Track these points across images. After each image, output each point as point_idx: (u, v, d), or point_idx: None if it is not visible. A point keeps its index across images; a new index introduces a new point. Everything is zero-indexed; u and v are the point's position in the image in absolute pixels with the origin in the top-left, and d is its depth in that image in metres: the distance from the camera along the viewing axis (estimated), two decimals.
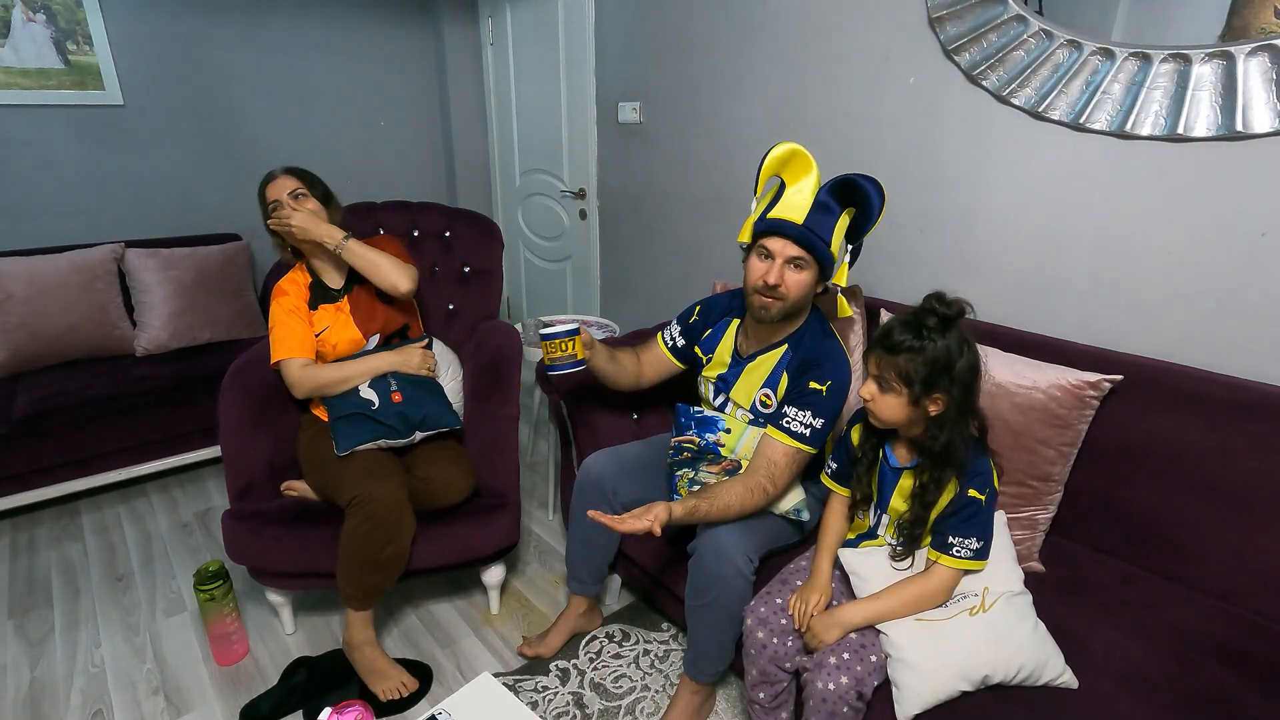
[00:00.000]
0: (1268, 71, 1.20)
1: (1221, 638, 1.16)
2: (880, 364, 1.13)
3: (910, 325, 1.10)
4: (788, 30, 1.98)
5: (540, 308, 3.55)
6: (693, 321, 1.60)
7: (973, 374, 1.11)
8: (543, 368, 1.65)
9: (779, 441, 1.34)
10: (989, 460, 1.18)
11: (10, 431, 2.09)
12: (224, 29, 2.84)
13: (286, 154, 3.10)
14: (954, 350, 1.09)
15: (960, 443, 1.12)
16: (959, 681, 1.06)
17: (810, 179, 1.30)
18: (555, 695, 1.57)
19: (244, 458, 1.65)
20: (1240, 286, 1.31)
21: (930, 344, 1.08)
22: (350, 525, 1.47)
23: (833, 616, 1.16)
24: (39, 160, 2.57)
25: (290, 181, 1.67)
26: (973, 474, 1.14)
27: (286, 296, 1.69)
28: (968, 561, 1.13)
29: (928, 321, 1.09)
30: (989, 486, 1.15)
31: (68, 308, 2.39)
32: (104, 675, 1.65)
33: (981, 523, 1.14)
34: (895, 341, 1.11)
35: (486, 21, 3.31)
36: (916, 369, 1.09)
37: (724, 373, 1.52)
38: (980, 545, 1.14)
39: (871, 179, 1.27)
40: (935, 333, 1.09)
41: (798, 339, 1.42)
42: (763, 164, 1.35)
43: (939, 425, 1.12)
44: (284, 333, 1.65)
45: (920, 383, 1.09)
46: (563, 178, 3.11)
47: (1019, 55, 1.51)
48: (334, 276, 1.75)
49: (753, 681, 1.24)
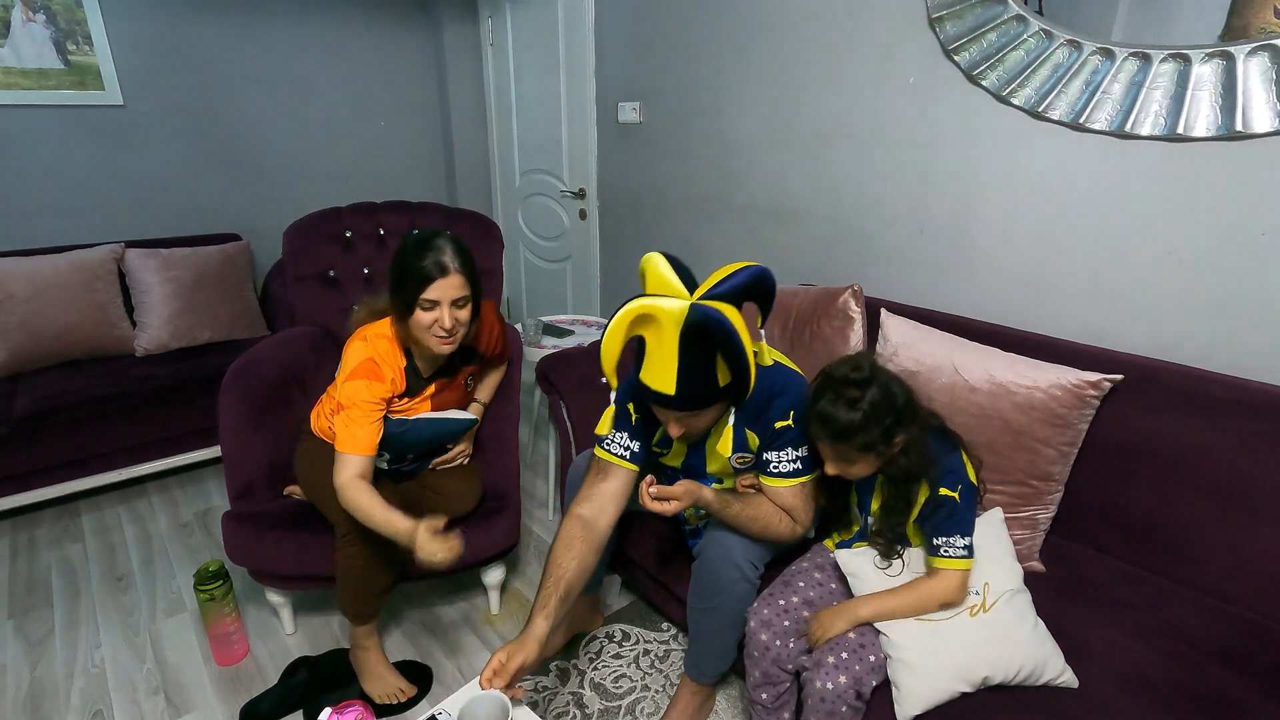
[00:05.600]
0: (1268, 71, 1.20)
1: (1221, 638, 1.16)
2: (837, 451, 1.14)
3: (842, 403, 1.10)
4: (788, 30, 1.97)
5: (540, 308, 3.55)
6: (635, 422, 1.36)
7: (912, 403, 1.13)
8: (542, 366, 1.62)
9: (780, 486, 1.29)
10: (959, 454, 1.17)
11: (10, 431, 2.09)
12: (224, 29, 2.84)
13: (287, 154, 3.10)
14: (887, 397, 1.10)
15: (919, 458, 1.13)
16: (958, 683, 1.06)
17: (662, 334, 1.11)
18: (555, 695, 1.57)
19: (244, 458, 1.65)
20: (1240, 286, 1.31)
21: (868, 409, 1.08)
22: (343, 556, 1.46)
23: (841, 609, 1.16)
24: (39, 160, 2.57)
25: (458, 283, 1.39)
26: (942, 472, 1.14)
27: (381, 385, 1.44)
28: (960, 560, 1.13)
29: (852, 393, 1.09)
30: (962, 482, 1.14)
31: (68, 308, 2.39)
32: (104, 675, 1.65)
33: (961, 519, 1.13)
34: (840, 429, 1.10)
35: (486, 22, 3.31)
36: (872, 437, 1.10)
37: (687, 460, 1.41)
38: (967, 541, 1.13)
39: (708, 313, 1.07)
40: (864, 397, 1.09)
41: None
42: (608, 339, 1.13)
43: (902, 452, 1.14)
44: (360, 425, 1.41)
45: (881, 442, 1.11)
46: (563, 178, 3.11)
47: (1019, 55, 1.51)
48: (429, 364, 1.56)
49: (755, 683, 1.24)
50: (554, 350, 2.13)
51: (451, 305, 1.39)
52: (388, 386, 1.45)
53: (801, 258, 2.12)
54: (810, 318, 1.74)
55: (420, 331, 1.42)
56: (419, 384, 1.55)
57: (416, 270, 1.37)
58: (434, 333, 1.41)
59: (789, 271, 2.13)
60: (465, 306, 1.43)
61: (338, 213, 2.11)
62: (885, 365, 1.40)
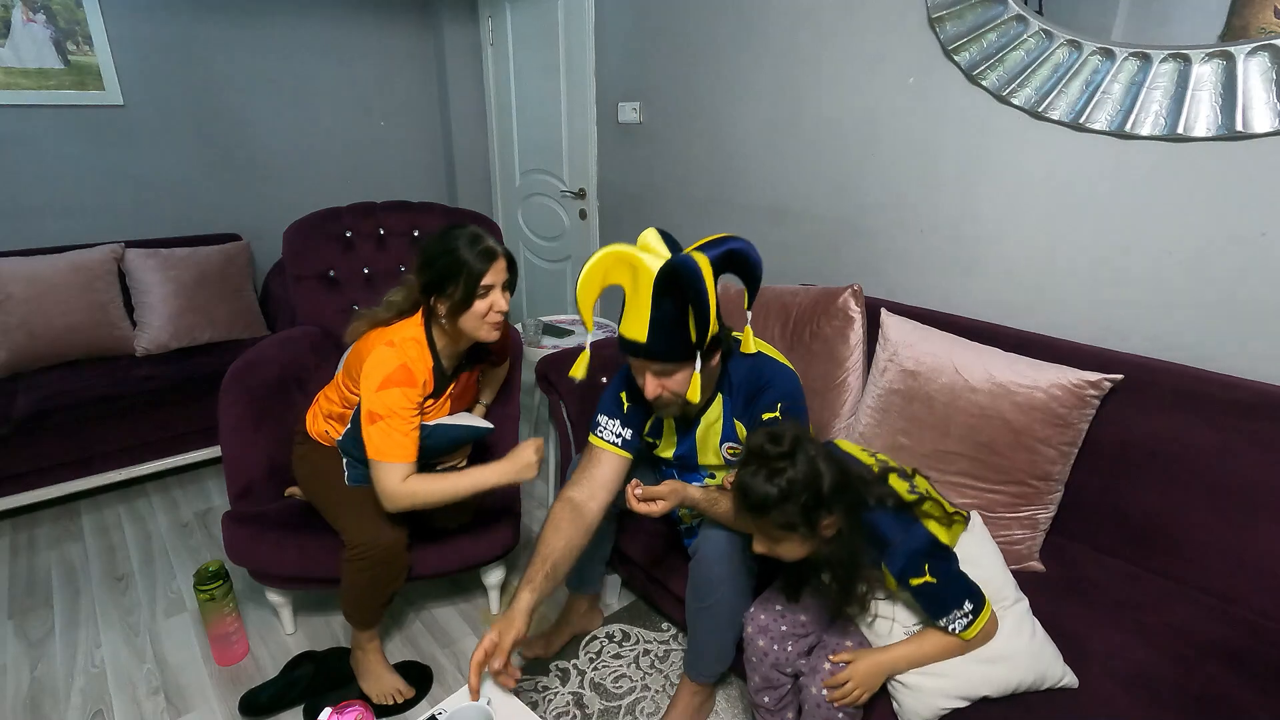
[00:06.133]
0: (1268, 71, 1.20)
1: (1221, 638, 1.16)
2: (758, 526, 1.07)
3: (762, 475, 1.03)
4: (787, 30, 1.98)
5: (540, 308, 3.55)
6: (628, 410, 1.38)
7: (842, 483, 1.04)
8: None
9: None
10: (919, 526, 1.09)
11: (10, 431, 2.09)
12: (224, 29, 2.84)
13: (286, 154, 3.10)
14: (811, 476, 1.01)
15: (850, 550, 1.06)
16: (957, 701, 1.06)
17: (640, 282, 1.17)
18: (555, 695, 1.57)
19: (244, 458, 1.65)
20: (1240, 286, 1.32)
21: (785, 485, 1.01)
22: (350, 567, 1.44)
23: (877, 664, 1.09)
24: (39, 160, 2.57)
25: (505, 265, 1.46)
26: (904, 560, 1.06)
27: (415, 389, 1.41)
28: (975, 624, 1.05)
29: (776, 465, 1.02)
30: (930, 560, 1.05)
31: (68, 308, 2.39)
32: (104, 675, 1.65)
33: (949, 595, 1.05)
34: (757, 501, 1.03)
35: (486, 22, 3.31)
36: (790, 516, 1.02)
37: (678, 450, 1.43)
38: (972, 605, 1.05)
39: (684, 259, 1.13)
40: (785, 470, 1.01)
41: (727, 384, 1.34)
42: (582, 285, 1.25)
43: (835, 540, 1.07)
44: (406, 429, 1.39)
45: (803, 523, 1.03)
46: (563, 178, 3.11)
47: (1019, 55, 1.51)
48: (450, 362, 1.56)
49: (756, 687, 1.24)
50: (554, 350, 2.13)
51: (503, 289, 1.45)
52: (421, 390, 1.43)
53: (801, 258, 2.12)
54: (810, 318, 1.74)
55: (474, 322, 1.43)
56: (445, 383, 1.54)
57: (473, 260, 1.39)
58: (489, 320, 1.44)
59: (789, 271, 2.13)
60: (508, 290, 1.47)
61: (338, 213, 2.11)
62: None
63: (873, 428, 1.55)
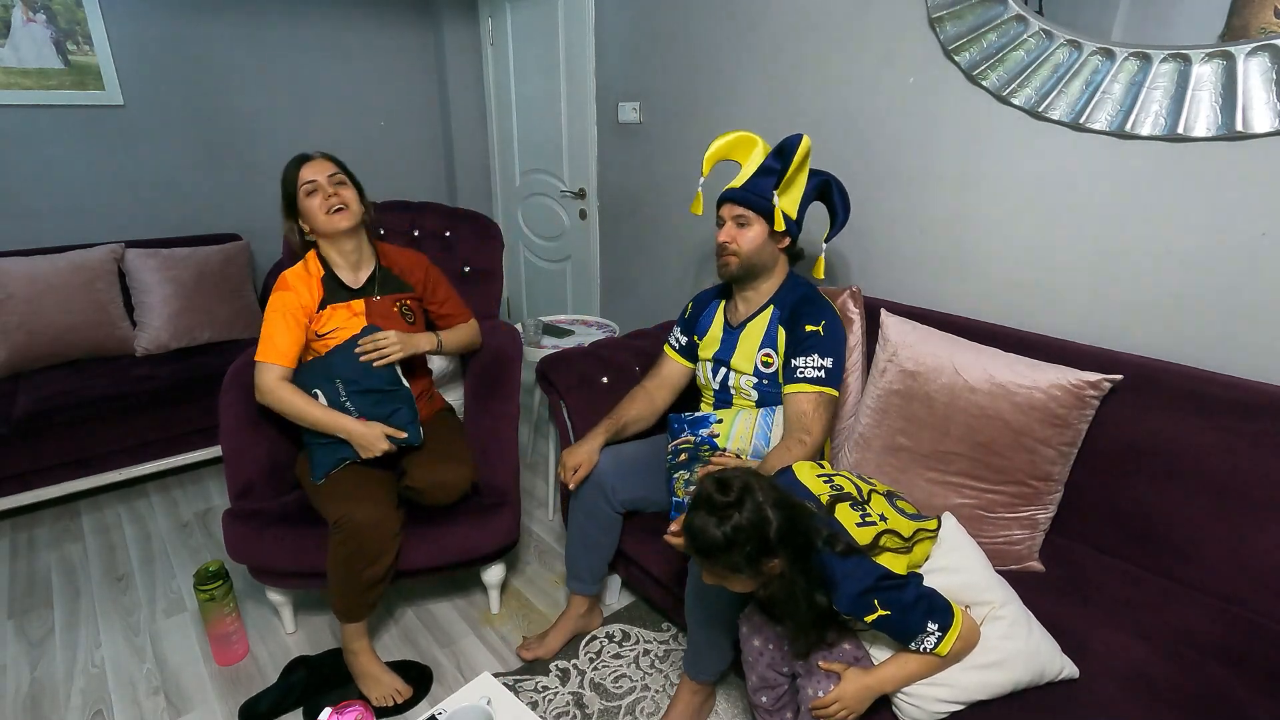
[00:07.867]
0: (1268, 71, 1.20)
1: (1221, 638, 1.16)
2: (707, 568, 1.08)
3: (712, 520, 1.02)
4: (788, 30, 1.97)
5: (540, 308, 3.55)
6: (687, 316, 1.70)
7: (789, 529, 1.03)
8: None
9: (801, 393, 1.43)
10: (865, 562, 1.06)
11: (10, 431, 2.09)
12: (224, 29, 2.84)
13: (287, 154, 3.08)
14: (757, 524, 1.01)
15: (790, 590, 1.05)
16: (954, 706, 1.06)
17: (756, 153, 1.51)
18: (555, 695, 1.57)
19: (244, 458, 1.65)
20: (1240, 286, 1.31)
21: (730, 532, 1.01)
22: (332, 547, 1.47)
23: (865, 687, 1.08)
24: (39, 160, 2.57)
25: (328, 165, 1.60)
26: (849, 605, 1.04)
27: (289, 293, 1.58)
28: (947, 638, 1.04)
29: (724, 512, 1.02)
30: (877, 594, 1.03)
31: (68, 308, 2.39)
32: (104, 675, 1.65)
33: (911, 619, 1.04)
34: (704, 546, 1.04)
35: (486, 21, 3.31)
36: (737, 561, 1.02)
37: (718, 349, 1.60)
38: (937, 624, 1.04)
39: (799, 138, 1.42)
40: (731, 517, 1.01)
41: (780, 297, 1.54)
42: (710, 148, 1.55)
43: (779, 580, 1.06)
44: (273, 331, 1.56)
45: (748, 567, 1.03)
46: (563, 177, 3.11)
47: (1019, 55, 1.51)
48: (350, 273, 1.65)
49: (754, 686, 1.24)
50: (554, 350, 2.13)
51: (329, 180, 1.58)
52: (297, 296, 1.58)
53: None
54: None
55: (317, 220, 1.58)
56: (342, 292, 1.63)
57: (288, 170, 1.60)
58: (325, 210, 1.56)
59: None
60: (346, 185, 1.60)
61: None
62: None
63: (872, 428, 1.55)
